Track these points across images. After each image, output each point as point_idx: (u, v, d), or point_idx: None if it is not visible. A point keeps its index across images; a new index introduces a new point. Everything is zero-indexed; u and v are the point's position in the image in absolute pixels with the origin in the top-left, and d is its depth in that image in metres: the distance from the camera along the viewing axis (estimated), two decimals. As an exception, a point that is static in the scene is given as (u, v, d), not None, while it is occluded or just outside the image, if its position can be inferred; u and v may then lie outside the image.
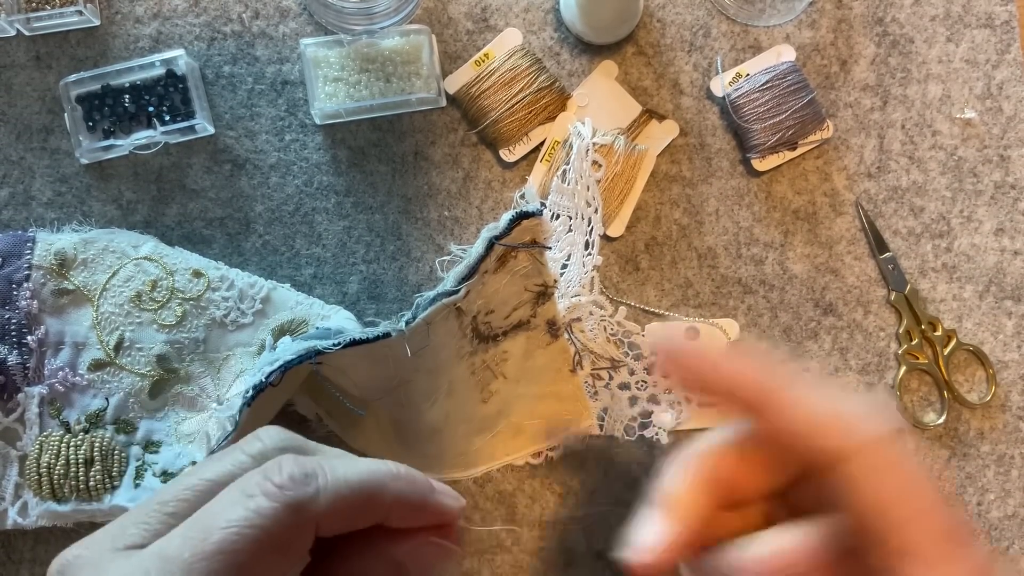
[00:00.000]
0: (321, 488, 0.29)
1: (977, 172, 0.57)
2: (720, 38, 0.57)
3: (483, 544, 0.54)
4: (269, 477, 0.28)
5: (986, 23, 0.57)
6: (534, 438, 0.53)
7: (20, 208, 0.55)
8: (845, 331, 0.56)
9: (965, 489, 0.56)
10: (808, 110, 0.55)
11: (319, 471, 0.29)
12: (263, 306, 0.52)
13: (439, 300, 0.44)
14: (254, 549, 0.27)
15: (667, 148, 0.57)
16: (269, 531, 0.27)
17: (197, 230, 0.56)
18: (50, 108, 0.56)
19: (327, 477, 0.29)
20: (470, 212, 0.56)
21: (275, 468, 0.29)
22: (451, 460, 0.53)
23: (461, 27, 0.57)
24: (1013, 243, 0.57)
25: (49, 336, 0.51)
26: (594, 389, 0.54)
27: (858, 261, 0.57)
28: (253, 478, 0.28)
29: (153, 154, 0.56)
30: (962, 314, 0.57)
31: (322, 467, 0.29)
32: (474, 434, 0.52)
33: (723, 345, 0.32)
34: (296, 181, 0.56)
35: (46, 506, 0.49)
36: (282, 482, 0.28)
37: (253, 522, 0.27)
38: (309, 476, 0.29)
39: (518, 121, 0.55)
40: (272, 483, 0.28)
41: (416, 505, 0.31)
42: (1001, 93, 0.57)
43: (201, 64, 0.56)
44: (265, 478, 0.28)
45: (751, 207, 0.57)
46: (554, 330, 0.51)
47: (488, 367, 0.50)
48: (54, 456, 0.50)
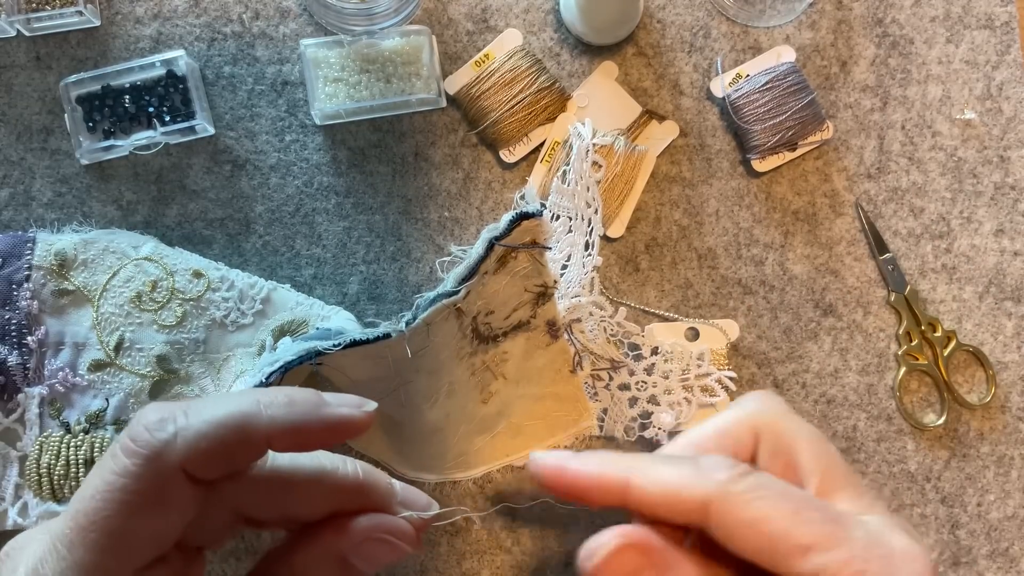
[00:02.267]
0: (179, 430, 0.27)
1: (977, 173, 0.57)
2: (720, 39, 0.57)
3: (483, 544, 0.54)
4: (128, 433, 0.27)
5: (986, 24, 0.57)
6: (534, 439, 0.53)
7: (20, 208, 0.55)
8: (845, 332, 0.56)
9: (965, 490, 0.56)
10: (808, 111, 0.55)
11: (177, 414, 0.28)
12: (263, 307, 0.52)
13: (439, 301, 0.44)
14: (124, 511, 0.26)
15: (667, 149, 0.57)
16: (133, 490, 0.26)
17: (197, 231, 0.56)
18: (50, 109, 0.56)
19: (186, 419, 0.28)
20: (470, 213, 0.56)
21: (134, 422, 0.28)
22: (451, 460, 0.53)
23: (461, 28, 0.57)
24: (1013, 244, 0.57)
25: (49, 336, 0.51)
26: (594, 390, 0.54)
27: (858, 262, 0.57)
28: (120, 438, 0.27)
29: (153, 155, 0.56)
30: (962, 315, 0.57)
31: (183, 410, 0.28)
32: (474, 435, 0.52)
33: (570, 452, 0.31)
34: (296, 182, 0.56)
35: (46, 507, 0.49)
36: (136, 433, 0.27)
37: (115, 484, 0.26)
38: (164, 420, 0.27)
39: (518, 122, 0.55)
40: (128, 438, 0.27)
41: (303, 426, 0.30)
42: (1001, 94, 0.57)
43: (201, 65, 0.56)
44: (126, 435, 0.27)
45: (751, 208, 0.57)
46: (554, 331, 0.51)
47: (488, 368, 0.50)
48: (54, 457, 0.50)
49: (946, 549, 0.55)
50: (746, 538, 0.28)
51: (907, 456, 0.56)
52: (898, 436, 0.56)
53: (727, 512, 0.28)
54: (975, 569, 0.55)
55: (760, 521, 0.27)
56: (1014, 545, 0.56)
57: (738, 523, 0.28)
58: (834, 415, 0.56)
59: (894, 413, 0.56)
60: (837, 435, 0.56)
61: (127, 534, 0.27)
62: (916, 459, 0.56)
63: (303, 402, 0.30)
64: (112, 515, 0.26)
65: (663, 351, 0.55)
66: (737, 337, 0.55)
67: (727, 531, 0.28)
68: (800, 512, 0.27)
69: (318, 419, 0.30)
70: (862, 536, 0.27)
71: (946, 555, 0.55)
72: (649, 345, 0.55)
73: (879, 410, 0.56)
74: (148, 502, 0.27)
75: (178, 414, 0.28)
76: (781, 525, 0.27)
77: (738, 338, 0.56)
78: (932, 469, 0.56)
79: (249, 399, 0.29)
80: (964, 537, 0.56)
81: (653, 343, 0.55)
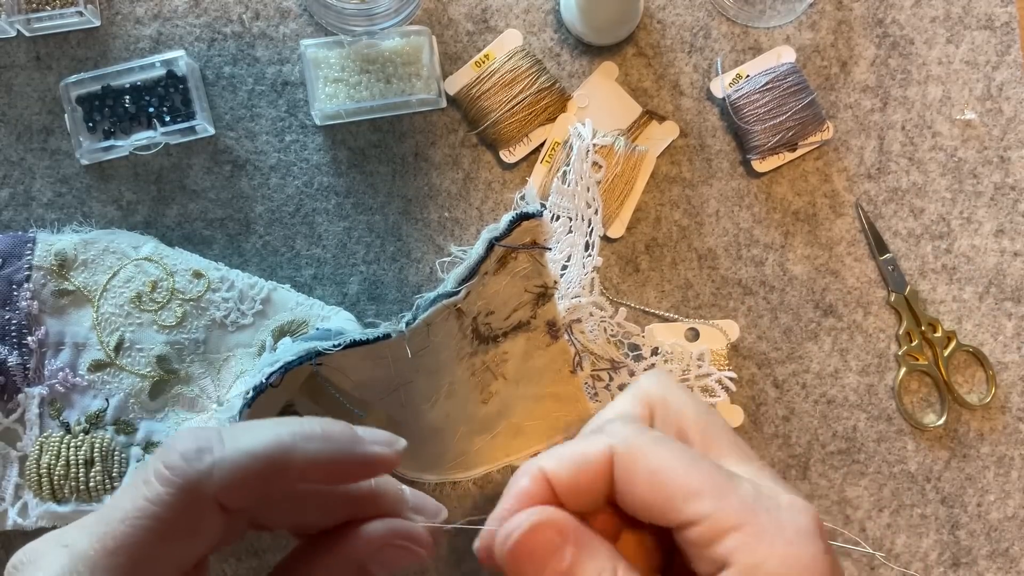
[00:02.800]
0: (216, 462, 0.27)
1: (977, 173, 0.57)
2: (720, 39, 0.57)
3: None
4: (163, 458, 0.27)
5: (986, 24, 0.57)
6: (534, 439, 0.53)
7: (20, 209, 0.55)
8: (845, 332, 0.56)
9: (965, 490, 0.56)
10: (808, 111, 0.55)
11: (214, 443, 0.27)
12: (263, 307, 0.52)
13: (439, 301, 0.44)
14: (153, 539, 0.26)
15: (667, 149, 0.57)
16: (165, 518, 0.26)
17: (197, 231, 0.56)
18: (50, 109, 0.56)
19: (223, 449, 0.27)
20: (470, 213, 0.56)
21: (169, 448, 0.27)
22: (451, 461, 0.53)
23: (461, 28, 0.57)
24: (1013, 244, 0.57)
25: (49, 337, 0.51)
26: (594, 390, 0.54)
27: (858, 262, 0.57)
28: (152, 463, 0.27)
29: (153, 155, 0.56)
30: (962, 315, 0.57)
31: (220, 438, 0.28)
32: (474, 435, 0.52)
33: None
34: (296, 182, 0.56)
35: (46, 507, 0.49)
36: (172, 462, 0.27)
37: (147, 512, 0.26)
38: (202, 451, 0.27)
39: (518, 122, 0.55)
40: (164, 465, 0.27)
41: (338, 463, 0.30)
42: (1001, 94, 0.57)
43: (201, 65, 0.56)
44: (160, 460, 0.27)
45: (751, 208, 0.57)
46: (554, 331, 0.51)
47: (488, 368, 0.50)
48: (54, 457, 0.50)
49: (946, 549, 0.55)
50: (643, 487, 0.28)
51: (907, 456, 0.56)
52: (898, 436, 0.56)
53: (629, 462, 0.29)
54: (975, 569, 0.55)
55: (657, 471, 0.28)
56: (1014, 545, 0.56)
57: (637, 472, 0.28)
58: (834, 415, 0.56)
59: (894, 413, 0.56)
60: (837, 435, 0.56)
61: (154, 560, 0.27)
62: (916, 459, 0.56)
63: (339, 438, 0.30)
64: (141, 541, 0.26)
65: (663, 351, 0.55)
66: (737, 337, 0.55)
67: (627, 482, 0.29)
68: (695, 463, 0.28)
69: (353, 456, 0.30)
70: (750, 489, 0.28)
71: (946, 555, 0.55)
72: (649, 345, 0.55)
73: (879, 410, 0.56)
74: (179, 530, 0.27)
75: (215, 443, 0.27)
76: (677, 472, 0.28)
77: (738, 338, 0.56)
78: (932, 469, 0.56)
79: (286, 430, 0.29)
80: (964, 537, 0.56)
81: (653, 343, 0.55)
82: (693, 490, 0.28)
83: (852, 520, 0.55)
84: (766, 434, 0.56)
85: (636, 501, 0.29)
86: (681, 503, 0.28)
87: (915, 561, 0.55)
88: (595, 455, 0.29)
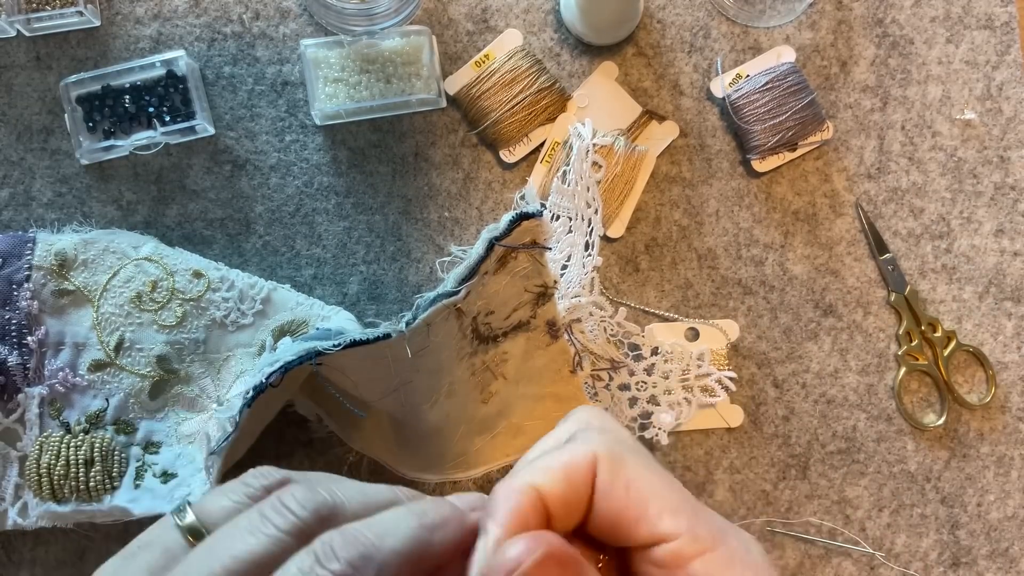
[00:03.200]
0: (381, 566, 0.27)
1: (977, 173, 0.57)
2: (720, 39, 0.57)
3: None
4: (324, 564, 0.26)
5: (986, 24, 0.57)
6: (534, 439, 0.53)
7: (20, 209, 0.55)
8: (845, 332, 0.56)
9: (965, 490, 0.56)
10: (808, 111, 0.55)
11: (373, 549, 0.27)
12: (263, 307, 0.52)
13: (439, 301, 0.44)
14: None
15: (667, 149, 0.57)
16: None
17: (197, 231, 0.56)
18: (50, 109, 0.56)
19: (382, 553, 0.27)
20: (470, 213, 0.56)
21: (327, 552, 0.26)
22: (451, 461, 0.53)
23: (461, 28, 0.57)
24: (1013, 244, 0.57)
25: (49, 337, 0.51)
26: (594, 390, 0.54)
27: (858, 262, 0.57)
28: (305, 564, 0.26)
29: (153, 155, 0.56)
30: (962, 315, 0.57)
31: (373, 542, 0.27)
32: (474, 435, 0.52)
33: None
34: (296, 182, 0.56)
35: (46, 507, 0.49)
36: (341, 571, 0.26)
37: None
38: (366, 558, 0.27)
39: (518, 122, 0.55)
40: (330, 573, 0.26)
41: (459, 540, 0.29)
42: (1001, 94, 0.57)
43: (201, 65, 0.56)
44: (319, 564, 0.26)
45: (751, 208, 0.57)
46: (554, 331, 0.51)
47: (488, 368, 0.50)
48: (54, 457, 0.50)
49: (946, 549, 0.55)
50: (620, 498, 0.28)
51: (907, 456, 0.56)
52: (898, 436, 0.56)
53: (610, 470, 0.28)
54: (975, 569, 0.55)
55: (636, 480, 0.28)
56: (1014, 545, 0.56)
57: (617, 480, 0.28)
58: (834, 415, 0.56)
59: (894, 413, 0.56)
60: (837, 435, 0.56)
61: None
62: (916, 459, 0.56)
63: (457, 516, 0.30)
64: None
65: (663, 351, 0.55)
66: (737, 337, 0.55)
67: (604, 493, 0.28)
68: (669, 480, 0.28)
69: (467, 529, 0.30)
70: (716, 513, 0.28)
71: (946, 555, 0.55)
72: (649, 345, 0.55)
73: (879, 410, 0.56)
74: None
75: (372, 549, 0.27)
76: (655, 484, 0.28)
77: (738, 338, 0.56)
78: (932, 469, 0.56)
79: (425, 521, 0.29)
80: (964, 537, 0.56)
81: (653, 343, 0.55)
82: (669, 506, 0.27)
83: (852, 520, 0.55)
84: (766, 434, 0.56)
85: (609, 514, 0.28)
86: (656, 517, 0.27)
87: (915, 561, 0.55)
88: (582, 462, 0.29)
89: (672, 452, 0.55)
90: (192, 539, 0.29)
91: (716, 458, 0.55)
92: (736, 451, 0.55)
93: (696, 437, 0.56)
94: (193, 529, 0.29)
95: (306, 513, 0.28)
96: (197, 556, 0.28)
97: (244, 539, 0.28)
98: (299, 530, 0.28)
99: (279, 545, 0.28)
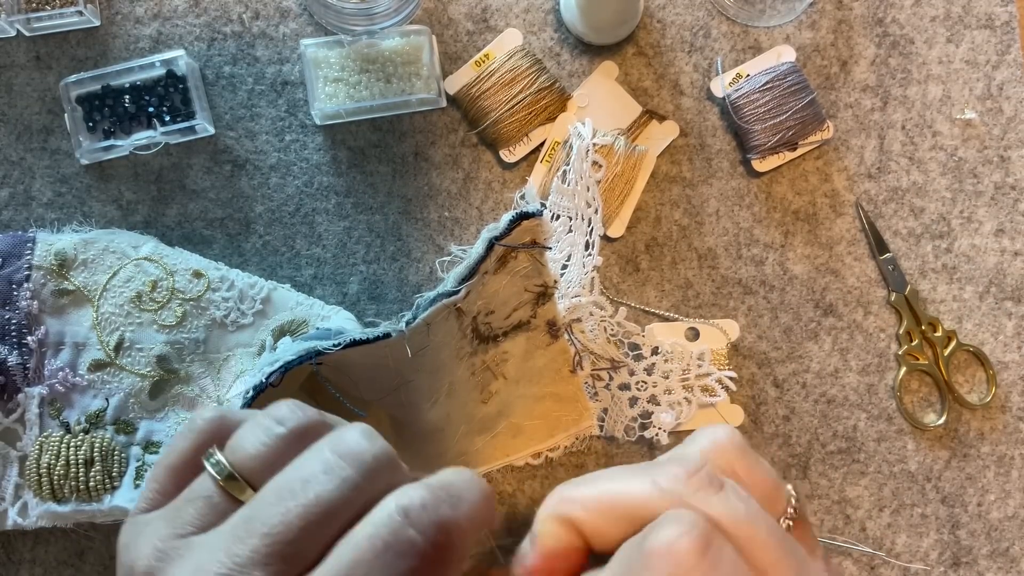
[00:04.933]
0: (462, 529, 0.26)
1: (977, 173, 0.57)
2: (720, 39, 0.57)
3: (483, 545, 0.54)
4: (414, 522, 0.26)
5: (986, 24, 0.57)
6: (534, 439, 0.53)
7: (20, 208, 0.55)
8: (845, 332, 0.56)
9: (965, 490, 0.56)
10: (808, 111, 0.55)
11: (453, 510, 0.26)
12: (263, 307, 0.52)
13: (439, 300, 0.44)
14: None
15: (667, 149, 0.57)
16: None
17: (197, 230, 0.56)
18: (50, 108, 0.56)
19: (462, 516, 0.27)
20: (470, 213, 0.56)
21: (416, 509, 0.26)
22: (451, 461, 0.53)
23: (461, 28, 0.57)
24: (1013, 244, 0.57)
25: (49, 336, 0.51)
26: (594, 390, 0.54)
27: (858, 262, 0.57)
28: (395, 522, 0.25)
29: (153, 154, 0.56)
30: (962, 315, 0.57)
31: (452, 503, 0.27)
32: (474, 434, 0.52)
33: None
34: (296, 182, 0.56)
35: (46, 507, 0.49)
36: (434, 533, 0.26)
37: None
38: (452, 521, 0.26)
39: (518, 122, 0.55)
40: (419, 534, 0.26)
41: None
42: (1001, 94, 0.57)
43: (201, 64, 0.56)
44: (407, 522, 0.26)
45: (751, 208, 0.57)
46: (554, 331, 0.51)
47: (488, 368, 0.50)
48: (54, 457, 0.50)
49: (946, 549, 0.55)
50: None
51: (907, 456, 0.56)
52: (898, 436, 0.56)
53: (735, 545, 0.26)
54: (975, 569, 0.55)
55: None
56: (1014, 545, 0.56)
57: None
58: (834, 415, 0.56)
59: (894, 413, 0.56)
60: (837, 435, 0.56)
61: None
62: (916, 459, 0.56)
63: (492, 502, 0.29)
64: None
65: (663, 351, 0.55)
66: (737, 337, 0.55)
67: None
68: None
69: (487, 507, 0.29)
70: None
71: (946, 555, 0.55)
72: (649, 345, 0.55)
73: (879, 410, 0.56)
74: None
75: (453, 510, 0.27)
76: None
77: (738, 338, 0.56)
78: (932, 469, 0.56)
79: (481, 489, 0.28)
80: (964, 537, 0.56)
81: (653, 343, 0.55)
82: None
83: (852, 520, 0.55)
84: (766, 434, 0.56)
85: None
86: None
87: (915, 560, 0.55)
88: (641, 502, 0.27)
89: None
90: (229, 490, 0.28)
91: (716, 458, 0.55)
92: (736, 451, 0.55)
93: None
94: (231, 477, 0.28)
95: (374, 461, 0.27)
96: (269, 502, 0.26)
97: (321, 481, 0.26)
98: (373, 475, 0.27)
99: (355, 490, 0.26)
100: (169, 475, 0.30)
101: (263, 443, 0.28)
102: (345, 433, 0.28)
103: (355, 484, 0.27)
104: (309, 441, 0.29)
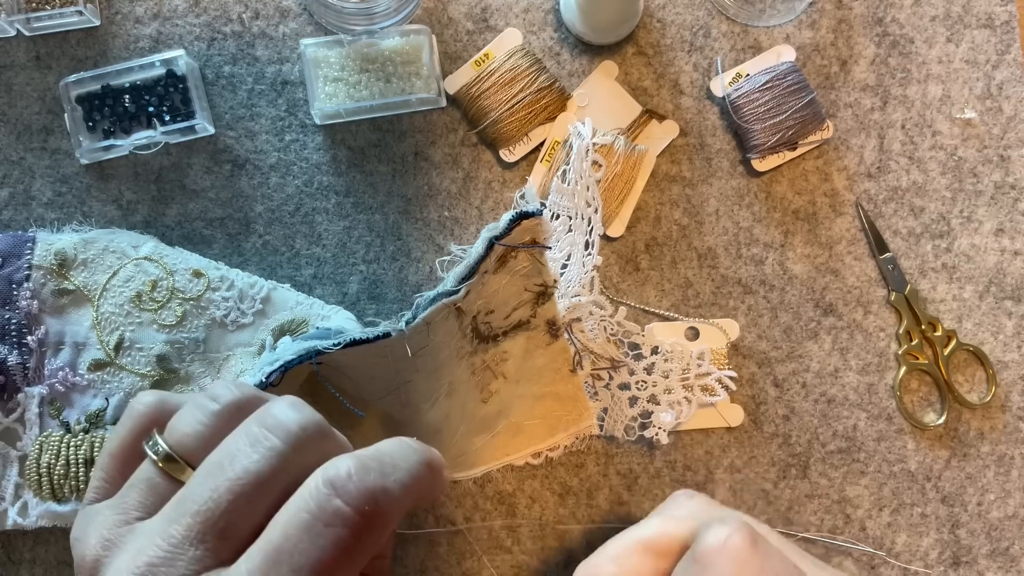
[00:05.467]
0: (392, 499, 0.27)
1: (977, 172, 0.57)
2: (720, 38, 0.57)
3: (483, 544, 0.54)
4: (340, 492, 0.26)
5: (986, 23, 0.57)
6: (534, 438, 0.53)
7: (20, 208, 0.55)
8: (845, 331, 0.56)
9: (965, 489, 0.56)
10: (808, 110, 0.55)
11: (383, 479, 0.27)
12: (263, 306, 0.52)
13: (439, 300, 0.44)
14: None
15: (667, 148, 0.57)
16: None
17: (197, 230, 0.56)
18: (50, 108, 0.56)
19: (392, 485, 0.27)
20: (470, 212, 0.56)
21: (341, 479, 0.26)
22: (451, 460, 0.53)
23: (461, 27, 0.57)
24: (1013, 243, 0.57)
25: (49, 336, 0.51)
26: (594, 389, 0.54)
27: (858, 261, 0.57)
28: (321, 495, 0.26)
29: (153, 154, 0.56)
30: (962, 314, 0.57)
31: (383, 471, 0.27)
32: (474, 434, 0.52)
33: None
34: (296, 181, 0.56)
35: (46, 506, 0.49)
36: (359, 502, 0.26)
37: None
38: (381, 489, 0.27)
39: (518, 121, 0.55)
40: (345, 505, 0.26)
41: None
42: (1001, 93, 0.57)
43: (201, 64, 0.56)
44: (334, 492, 0.26)
45: (751, 207, 0.57)
46: (554, 330, 0.51)
47: (488, 367, 0.50)
48: (54, 456, 0.50)
49: (946, 548, 0.55)
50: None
51: (907, 456, 0.56)
52: (898, 436, 0.56)
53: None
54: (975, 569, 0.55)
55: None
56: (1014, 544, 0.56)
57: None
58: (834, 415, 0.56)
59: (894, 413, 0.56)
60: (837, 434, 0.56)
61: None
62: (916, 459, 0.56)
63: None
64: None
65: (663, 350, 0.55)
66: (737, 336, 0.55)
67: None
68: None
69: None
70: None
71: (946, 554, 0.55)
72: (649, 344, 0.55)
73: (879, 409, 0.56)
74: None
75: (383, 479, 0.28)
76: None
77: (738, 337, 0.56)
78: (932, 469, 0.56)
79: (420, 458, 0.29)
80: (964, 536, 0.56)
81: (653, 342, 0.55)
82: None
83: (852, 519, 0.55)
84: (766, 433, 0.56)
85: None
86: None
87: (915, 560, 0.55)
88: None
89: (672, 452, 0.55)
90: (168, 471, 0.28)
91: (716, 458, 0.55)
92: (736, 451, 0.55)
93: (696, 437, 0.56)
94: (169, 459, 0.28)
95: (301, 430, 0.28)
96: (198, 480, 0.27)
97: (247, 455, 0.27)
98: (301, 445, 0.27)
99: (282, 460, 0.27)
100: (113, 463, 0.30)
101: (199, 421, 0.29)
102: (272, 406, 0.28)
103: (282, 454, 0.27)
104: (244, 417, 0.29)
